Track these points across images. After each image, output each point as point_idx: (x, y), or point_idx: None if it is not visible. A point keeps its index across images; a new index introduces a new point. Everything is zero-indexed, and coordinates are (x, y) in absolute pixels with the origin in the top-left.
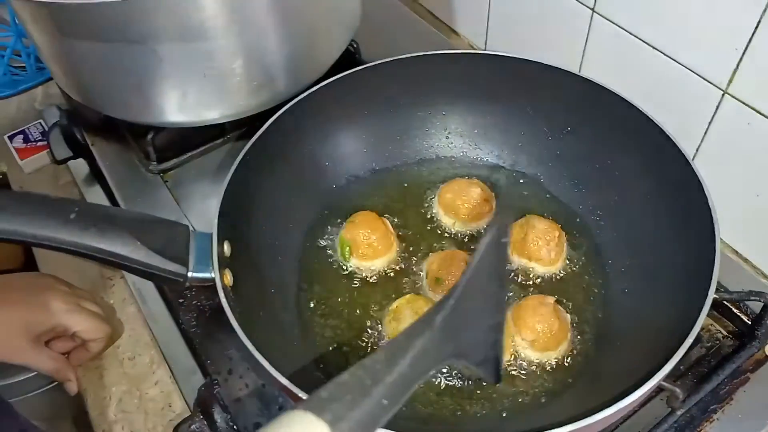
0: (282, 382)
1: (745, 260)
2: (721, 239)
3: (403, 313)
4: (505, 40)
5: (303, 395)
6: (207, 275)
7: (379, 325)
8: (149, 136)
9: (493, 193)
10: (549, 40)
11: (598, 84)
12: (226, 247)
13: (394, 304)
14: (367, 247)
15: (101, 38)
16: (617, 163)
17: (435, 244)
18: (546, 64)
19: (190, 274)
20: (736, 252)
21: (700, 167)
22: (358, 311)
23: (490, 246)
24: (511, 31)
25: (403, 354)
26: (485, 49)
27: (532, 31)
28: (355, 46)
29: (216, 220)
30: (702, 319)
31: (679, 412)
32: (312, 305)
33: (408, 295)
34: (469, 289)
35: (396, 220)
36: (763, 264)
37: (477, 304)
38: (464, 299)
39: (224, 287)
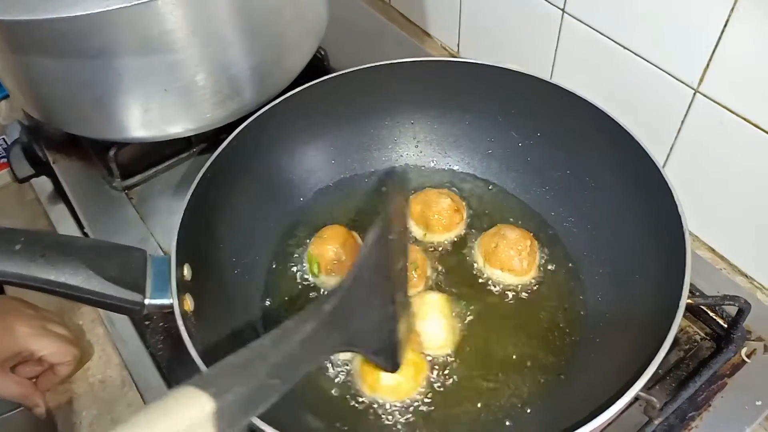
0: None
1: (722, 258)
2: (696, 237)
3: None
4: (478, 42)
5: (265, 427)
6: (165, 301)
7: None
8: (111, 153)
9: (464, 203)
10: (521, 40)
11: (568, 90)
12: (186, 270)
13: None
14: (335, 263)
15: (57, 54)
16: (588, 170)
17: None
18: (515, 71)
19: (147, 301)
20: (712, 250)
21: (674, 167)
22: None
23: (375, 242)
24: (483, 33)
25: (290, 336)
26: (458, 51)
27: (504, 32)
28: (323, 53)
29: (174, 243)
30: (674, 330)
31: (656, 421)
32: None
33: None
34: (356, 282)
35: (365, 233)
36: (738, 261)
37: (365, 296)
38: (352, 291)
39: (183, 313)
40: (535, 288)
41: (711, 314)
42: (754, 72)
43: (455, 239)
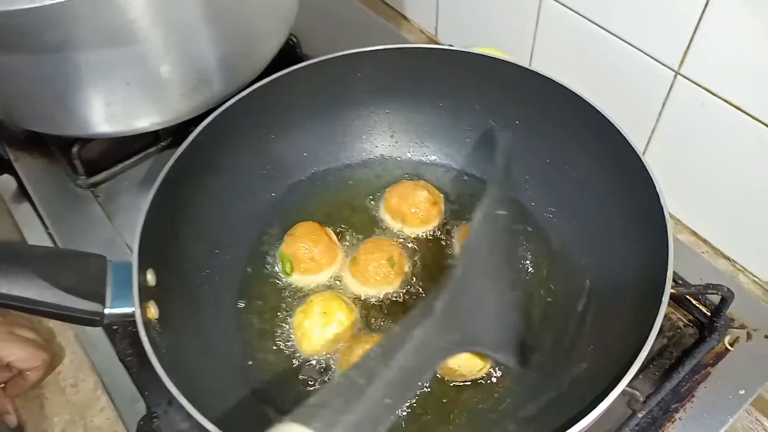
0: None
1: (704, 241)
2: (678, 221)
3: (313, 309)
4: (456, 25)
5: None
6: (127, 310)
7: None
8: (75, 149)
9: (441, 195)
10: (500, 23)
11: (546, 76)
12: (150, 276)
13: (307, 301)
14: (309, 261)
15: (13, 49)
16: (569, 159)
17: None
18: (492, 57)
19: (107, 311)
20: (694, 233)
21: (655, 150)
22: None
23: (484, 220)
24: (462, 15)
25: (400, 347)
26: (436, 35)
27: (483, 14)
28: (294, 40)
29: (136, 247)
30: (657, 327)
31: (640, 415)
32: (254, 328)
33: (324, 293)
34: (469, 270)
35: (340, 227)
36: (720, 244)
37: (481, 284)
38: (465, 282)
39: (147, 322)
40: (519, 281)
41: (694, 302)
42: (735, 53)
43: (434, 232)
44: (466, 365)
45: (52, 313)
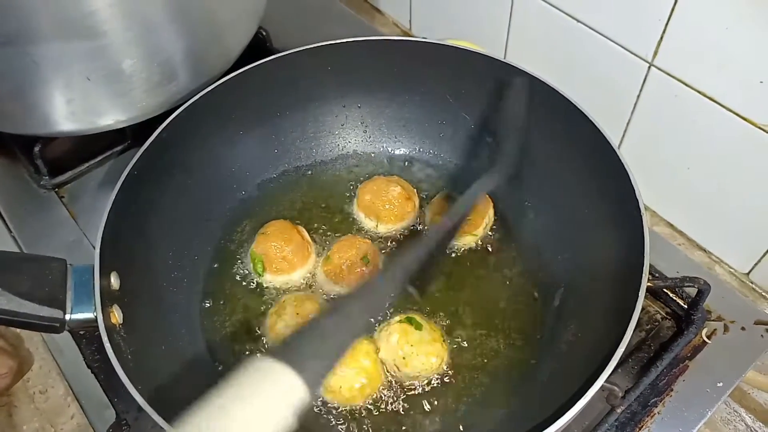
0: None
1: (680, 233)
2: (654, 213)
3: (286, 311)
4: (430, 18)
5: None
6: (89, 315)
7: None
8: (36, 149)
9: (414, 190)
10: (474, 15)
11: (519, 69)
12: (114, 279)
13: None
14: (281, 261)
15: None
16: (544, 152)
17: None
18: (464, 49)
19: (67, 317)
20: (671, 225)
21: (631, 142)
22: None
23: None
24: (436, 8)
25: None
26: (410, 28)
27: (457, 7)
28: (264, 33)
29: (97, 249)
30: (634, 322)
31: (619, 410)
32: (224, 331)
33: (298, 293)
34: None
35: (313, 226)
36: (696, 235)
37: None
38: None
39: (110, 328)
40: (497, 276)
41: (671, 295)
42: (707, 44)
43: (410, 228)
44: (422, 367)
45: (9, 321)
